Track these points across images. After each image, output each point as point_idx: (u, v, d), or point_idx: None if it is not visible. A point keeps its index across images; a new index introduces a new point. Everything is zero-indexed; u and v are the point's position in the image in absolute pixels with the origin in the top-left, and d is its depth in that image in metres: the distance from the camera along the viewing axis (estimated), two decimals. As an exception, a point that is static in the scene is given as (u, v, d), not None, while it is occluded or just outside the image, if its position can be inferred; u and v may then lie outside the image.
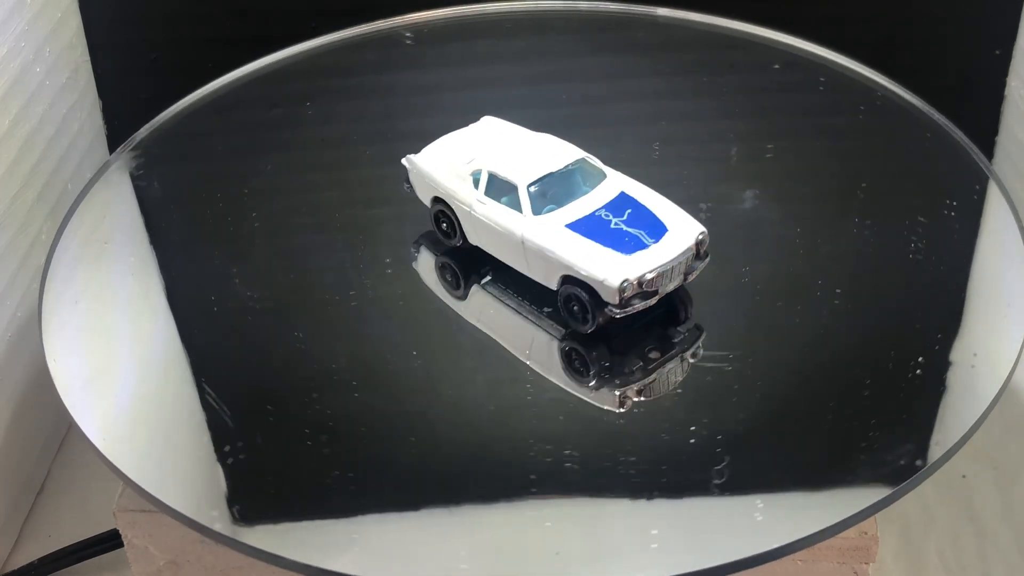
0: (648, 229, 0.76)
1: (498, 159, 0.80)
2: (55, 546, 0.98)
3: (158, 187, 0.95)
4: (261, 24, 1.16)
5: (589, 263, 0.74)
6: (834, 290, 0.81)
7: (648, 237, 0.75)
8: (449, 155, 0.83)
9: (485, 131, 0.86)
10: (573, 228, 0.76)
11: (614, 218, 0.76)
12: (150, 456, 0.73)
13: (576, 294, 0.75)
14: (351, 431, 0.74)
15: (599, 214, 0.77)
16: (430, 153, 0.84)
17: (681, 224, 0.77)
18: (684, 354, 0.76)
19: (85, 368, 0.78)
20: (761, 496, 0.69)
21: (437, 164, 0.83)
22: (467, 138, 0.85)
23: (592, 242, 0.75)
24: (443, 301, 0.82)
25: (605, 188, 0.79)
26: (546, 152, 0.80)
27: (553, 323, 0.78)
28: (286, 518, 0.70)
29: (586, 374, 0.75)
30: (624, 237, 0.75)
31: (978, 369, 0.75)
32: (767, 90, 1.01)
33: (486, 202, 0.79)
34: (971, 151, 0.90)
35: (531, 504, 0.69)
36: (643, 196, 0.78)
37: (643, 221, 0.76)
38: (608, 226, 0.76)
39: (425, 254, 0.84)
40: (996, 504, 1.01)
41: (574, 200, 0.78)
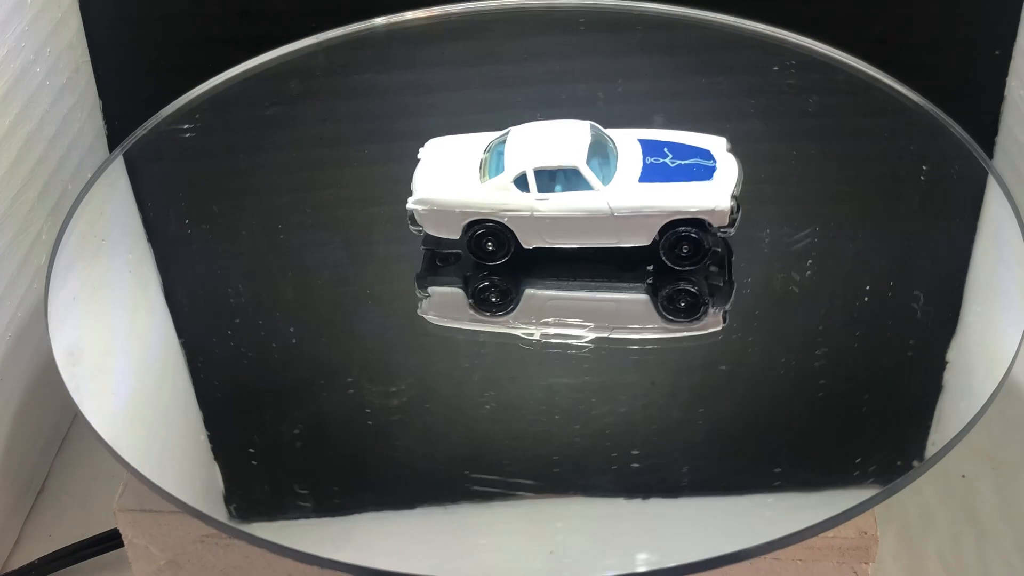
0: (697, 155, 0.80)
1: (529, 156, 0.79)
2: (55, 546, 0.98)
3: (157, 185, 0.95)
4: (261, 24, 1.16)
5: (692, 199, 0.77)
6: (832, 288, 0.81)
7: (705, 160, 0.79)
8: (456, 180, 0.80)
9: (452, 148, 0.83)
10: (646, 180, 0.78)
11: (665, 159, 0.79)
12: (153, 448, 0.73)
13: (685, 234, 0.78)
14: (350, 428, 0.74)
15: (651, 161, 0.79)
16: (430, 189, 0.80)
17: (710, 141, 0.81)
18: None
19: (89, 363, 0.78)
20: (757, 492, 0.69)
21: (455, 192, 0.80)
22: (445, 162, 0.82)
23: (675, 183, 0.78)
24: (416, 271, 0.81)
25: (627, 142, 0.81)
26: (560, 132, 0.81)
27: (615, 284, 0.80)
28: (284, 512, 0.70)
29: (691, 311, 0.79)
30: (692, 168, 0.79)
31: (976, 366, 0.75)
32: (767, 89, 1.01)
33: (548, 197, 0.78)
34: (972, 148, 0.90)
35: (528, 504, 0.69)
36: (660, 135, 0.81)
37: (686, 152, 0.80)
38: (668, 167, 0.78)
39: (443, 289, 0.82)
40: (996, 504, 1.01)
41: (619, 160, 0.79)
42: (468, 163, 0.82)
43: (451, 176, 0.81)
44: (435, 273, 0.82)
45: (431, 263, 0.83)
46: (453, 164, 0.82)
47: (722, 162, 0.80)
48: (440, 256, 0.82)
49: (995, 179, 0.88)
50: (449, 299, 0.82)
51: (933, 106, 0.95)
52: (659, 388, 0.76)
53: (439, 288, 0.82)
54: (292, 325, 0.81)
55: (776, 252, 0.84)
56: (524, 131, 0.82)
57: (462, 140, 0.84)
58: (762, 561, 0.73)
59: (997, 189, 0.87)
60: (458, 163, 0.82)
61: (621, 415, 0.73)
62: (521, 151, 0.80)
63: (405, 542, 0.68)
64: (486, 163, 0.81)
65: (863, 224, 0.86)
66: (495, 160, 0.81)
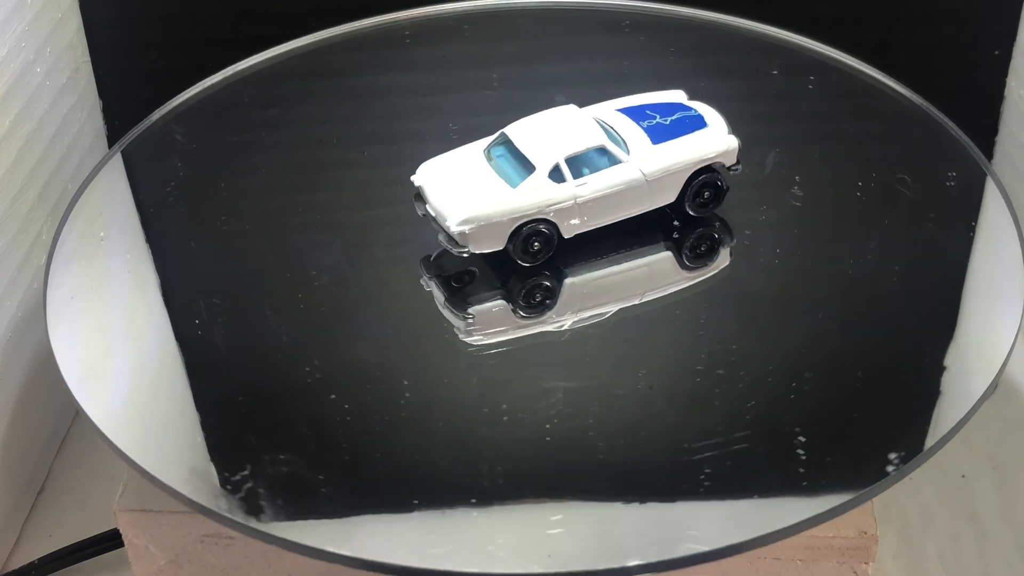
0: (678, 110, 0.84)
1: (553, 147, 0.80)
2: (55, 546, 0.98)
3: (156, 183, 0.95)
4: (261, 24, 1.16)
5: (709, 146, 0.82)
6: (830, 287, 0.82)
7: (686, 112, 0.84)
8: (488, 191, 0.79)
9: (449, 167, 0.82)
10: (659, 141, 0.82)
11: (659, 119, 0.83)
12: (154, 445, 0.73)
13: (707, 180, 0.83)
14: (349, 427, 0.74)
15: (648, 125, 0.83)
16: (471, 207, 0.79)
17: (675, 95, 0.87)
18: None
19: (88, 360, 0.78)
20: (755, 488, 0.69)
21: (497, 202, 0.79)
22: (455, 180, 0.81)
23: (685, 136, 0.83)
24: (441, 301, 0.81)
25: (611, 114, 0.84)
26: (559, 120, 0.83)
27: (638, 252, 0.83)
28: (285, 509, 0.70)
29: (712, 252, 0.83)
30: (684, 121, 0.84)
31: (971, 366, 0.75)
32: (767, 90, 1.01)
33: (586, 182, 0.80)
34: (971, 150, 0.90)
35: (526, 506, 0.69)
36: (630, 102, 0.86)
37: (668, 110, 0.84)
38: (666, 125, 0.83)
39: (485, 306, 0.80)
40: (996, 504, 1.01)
41: (622, 130, 0.83)
42: (479, 174, 0.81)
43: (478, 189, 0.80)
44: (461, 294, 0.81)
45: (449, 288, 0.81)
46: (466, 180, 0.81)
47: (701, 109, 0.85)
48: (455, 278, 0.81)
49: (993, 181, 0.88)
50: (495, 313, 0.80)
51: (932, 107, 0.95)
52: (656, 390, 0.76)
53: (481, 306, 0.80)
54: (291, 323, 0.81)
55: (776, 252, 0.84)
56: (522, 128, 0.82)
57: (453, 156, 0.83)
58: (762, 561, 0.73)
59: (996, 191, 0.87)
60: (469, 177, 0.81)
61: (619, 417, 0.74)
62: (540, 145, 0.80)
63: (404, 542, 0.67)
64: (500, 168, 0.81)
65: (862, 224, 0.86)
66: (508, 162, 0.81)
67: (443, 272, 0.82)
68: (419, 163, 0.84)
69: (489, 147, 0.82)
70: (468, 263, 0.81)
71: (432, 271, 0.82)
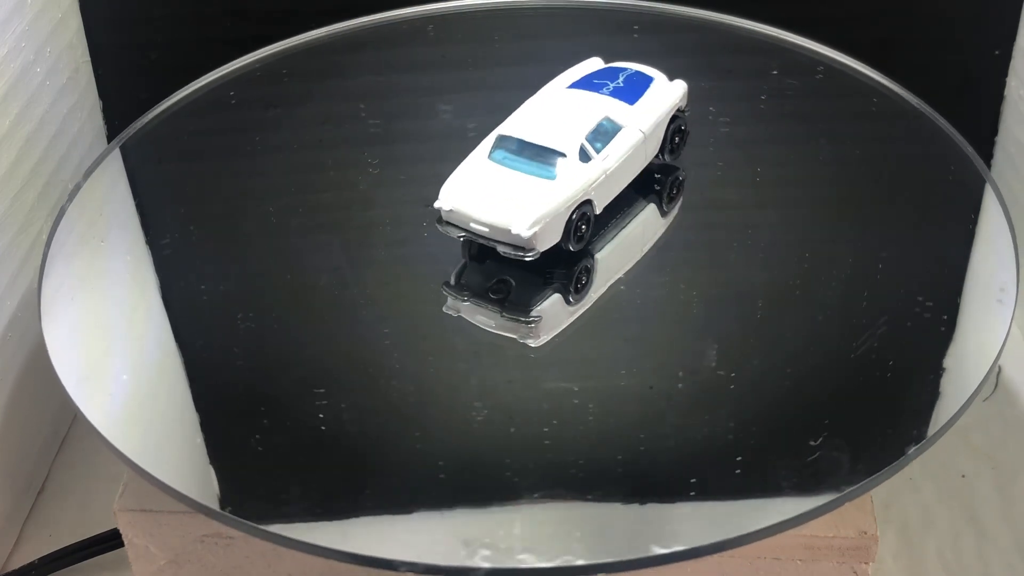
0: (619, 72, 0.88)
1: (571, 129, 0.81)
2: (55, 546, 0.98)
3: (154, 182, 0.95)
4: (262, 24, 1.16)
5: (671, 95, 0.87)
6: (828, 286, 0.82)
7: (630, 72, 0.88)
8: (530, 190, 0.79)
9: (472, 178, 0.81)
10: (632, 102, 0.85)
11: (613, 84, 0.86)
12: (153, 445, 0.73)
13: (676, 126, 0.87)
14: (349, 428, 0.74)
15: (609, 91, 0.85)
16: (531, 210, 0.77)
17: (597, 62, 0.90)
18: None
19: (86, 362, 0.78)
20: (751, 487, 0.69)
21: (551, 196, 0.78)
22: (488, 189, 0.80)
23: (647, 92, 0.86)
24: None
25: (568, 91, 0.86)
26: (554, 101, 0.85)
27: (630, 210, 0.86)
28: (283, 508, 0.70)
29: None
30: (634, 80, 0.87)
31: (965, 362, 0.75)
32: (766, 91, 1.01)
33: (607, 154, 0.81)
34: (966, 151, 0.90)
35: (527, 506, 0.69)
36: (573, 76, 0.88)
37: (610, 74, 0.87)
38: (625, 87, 0.86)
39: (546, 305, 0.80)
40: (996, 504, 1.01)
41: (599, 96, 0.85)
42: (506, 179, 0.80)
43: (522, 192, 0.79)
44: (512, 302, 0.80)
45: (492, 300, 0.80)
46: (500, 188, 0.80)
47: (635, 67, 0.89)
48: (492, 290, 0.80)
49: (989, 183, 0.88)
50: (554, 307, 0.80)
51: (929, 107, 0.95)
52: (657, 391, 0.76)
53: (540, 305, 0.80)
54: (291, 323, 0.81)
55: (775, 250, 0.85)
56: (521, 124, 0.82)
57: (468, 172, 0.81)
58: (762, 561, 0.73)
59: (993, 190, 0.87)
60: (500, 185, 0.80)
61: (619, 419, 0.74)
62: (554, 132, 0.81)
63: (404, 541, 0.68)
64: (520, 166, 0.80)
65: (859, 225, 0.86)
66: (524, 158, 0.80)
67: (471, 290, 0.81)
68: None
69: (492, 153, 0.81)
70: (493, 271, 0.81)
71: (462, 292, 0.81)
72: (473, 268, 0.81)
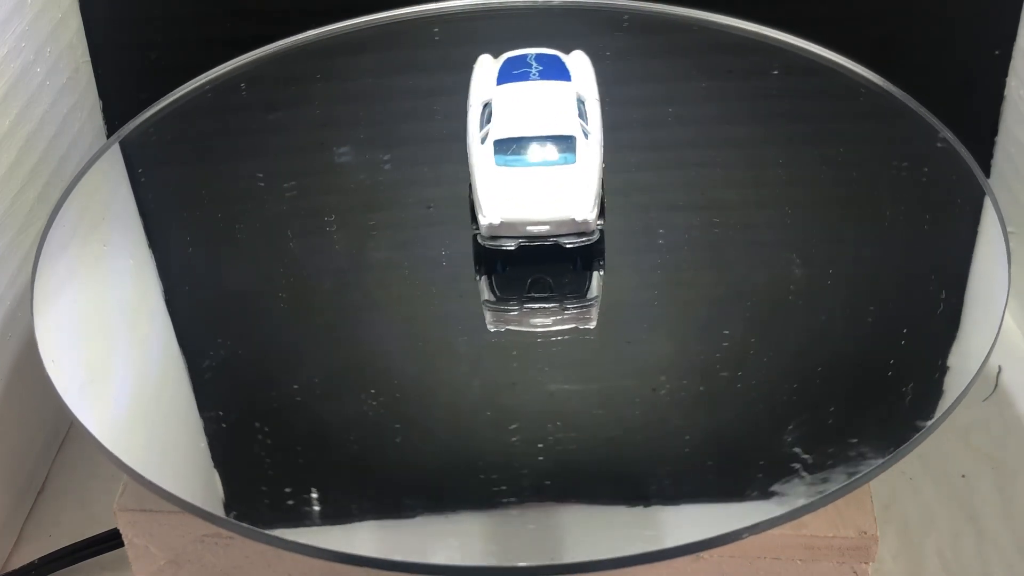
0: (531, 58, 0.87)
1: (566, 117, 0.81)
2: (55, 546, 0.98)
3: (151, 184, 0.95)
4: (261, 24, 1.16)
5: (588, 64, 0.89)
6: (826, 287, 0.82)
7: (539, 54, 0.88)
8: (564, 179, 0.79)
9: (503, 181, 0.80)
10: (570, 77, 0.86)
11: (540, 67, 0.86)
12: (151, 450, 0.73)
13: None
14: (348, 430, 0.74)
15: (539, 71, 0.86)
16: (582, 197, 0.78)
17: (496, 60, 0.89)
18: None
19: (83, 367, 0.78)
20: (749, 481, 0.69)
21: (584, 181, 0.79)
22: (525, 190, 0.79)
23: (570, 67, 0.86)
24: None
25: (507, 86, 0.85)
26: (524, 99, 0.83)
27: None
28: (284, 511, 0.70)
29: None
30: (549, 60, 0.87)
31: (958, 361, 0.76)
32: (765, 93, 1.01)
33: (591, 129, 0.82)
34: (962, 154, 0.90)
35: (529, 508, 0.69)
36: (493, 72, 0.87)
37: (528, 60, 0.87)
38: (553, 69, 0.86)
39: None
40: (996, 504, 1.01)
41: (545, 81, 0.85)
42: (531, 176, 0.79)
43: (558, 183, 0.79)
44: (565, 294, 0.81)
45: (535, 299, 0.81)
46: (535, 187, 0.79)
47: (526, 51, 0.88)
48: (535, 289, 0.80)
49: (984, 186, 0.88)
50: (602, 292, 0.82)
51: (924, 108, 0.95)
52: (661, 392, 0.76)
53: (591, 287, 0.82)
54: (290, 325, 0.81)
55: (776, 251, 0.85)
56: (511, 123, 0.81)
57: (487, 179, 0.80)
58: (762, 561, 0.73)
59: (989, 190, 0.87)
60: (532, 184, 0.79)
61: (623, 419, 0.74)
62: (551, 121, 0.81)
63: (405, 542, 0.68)
64: (533, 160, 0.80)
65: (859, 226, 0.87)
66: (532, 152, 0.80)
67: (511, 299, 0.81)
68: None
69: (497, 158, 0.80)
70: (512, 277, 0.81)
71: (508, 304, 0.80)
72: (494, 279, 0.81)
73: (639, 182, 0.89)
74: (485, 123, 0.82)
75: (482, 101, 0.84)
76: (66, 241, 0.87)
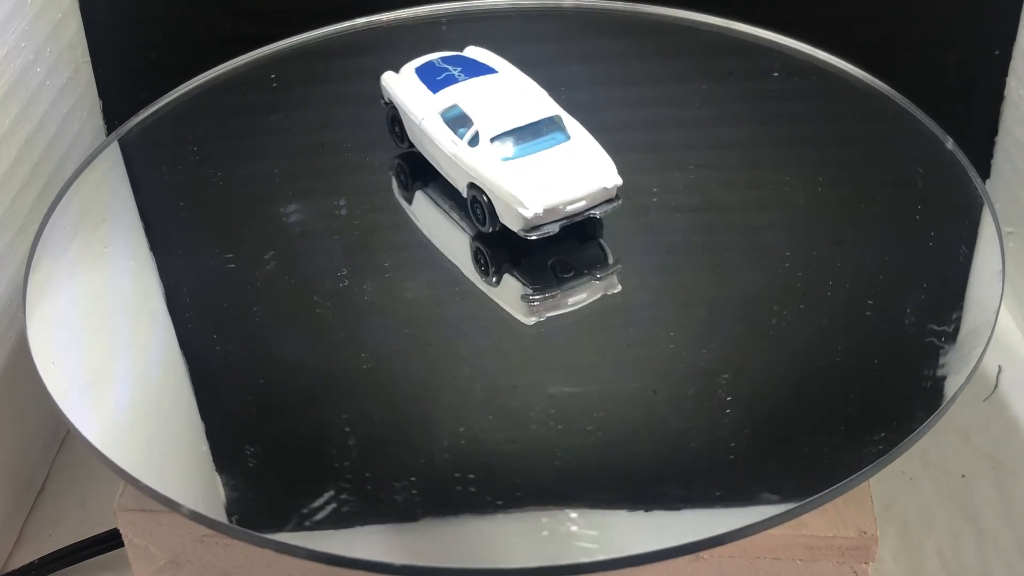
0: (430, 64, 0.90)
1: (543, 101, 0.83)
2: (55, 546, 0.98)
3: (149, 184, 0.95)
4: (261, 24, 1.16)
5: (491, 54, 0.91)
6: (828, 287, 0.82)
7: (427, 57, 0.91)
8: (580, 154, 0.82)
9: (533, 167, 0.82)
10: (497, 70, 0.88)
11: (458, 68, 0.88)
12: (148, 454, 0.73)
13: None
14: (348, 433, 0.74)
15: (462, 71, 0.88)
16: (604, 163, 0.81)
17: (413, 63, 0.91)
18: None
19: (79, 372, 0.78)
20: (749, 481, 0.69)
21: (594, 149, 0.82)
22: (552, 172, 0.81)
23: (488, 62, 0.89)
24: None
25: (438, 91, 0.87)
26: (496, 93, 0.85)
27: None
28: (286, 513, 0.70)
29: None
30: (457, 61, 0.89)
31: (954, 361, 0.76)
32: (765, 95, 1.01)
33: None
34: (959, 156, 0.90)
35: (530, 511, 0.69)
36: (411, 80, 0.89)
37: (432, 69, 0.89)
38: (463, 67, 0.88)
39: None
40: (996, 504, 1.01)
41: (485, 77, 0.87)
42: (550, 160, 0.81)
43: (567, 160, 0.81)
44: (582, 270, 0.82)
45: (564, 278, 0.82)
46: (547, 169, 0.81)
47: (431, 57, 0.91)
48: (558, 270, 0.82)
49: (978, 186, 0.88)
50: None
51: (920, 110, 0.95)
52: (661, 394, 0.76)
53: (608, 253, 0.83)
54: (290, 327, 0.81)
55: (776, 252, 0.85)
56: (494, 117, 0.82)
57: (508, 176, 0.81)
58: (762, 561, 0.73)
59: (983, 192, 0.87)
60: (544, 166, 0.81)
61: (624, 421, 0.74)
62: (532, 105, 0.83)
63: (403, 547, 0.68)
64: (536, 146, 0.81)
65: (858, 226, 0.87)
66: (529, 139, 0.81)
67: (541, 284, 0.81)
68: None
69: (502, 156, 0.81)
70: (520, 266, 0.82)
71: (546, 291, 0.81)
72: (511, 273, 0.82)
73: (639, 183, 0.89)
74: (461, 127, 0.82)
75: (437, 110, 0.84)
76: (62, 241, 0.87)
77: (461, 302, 0.82)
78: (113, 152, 0.96)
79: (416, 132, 0.87)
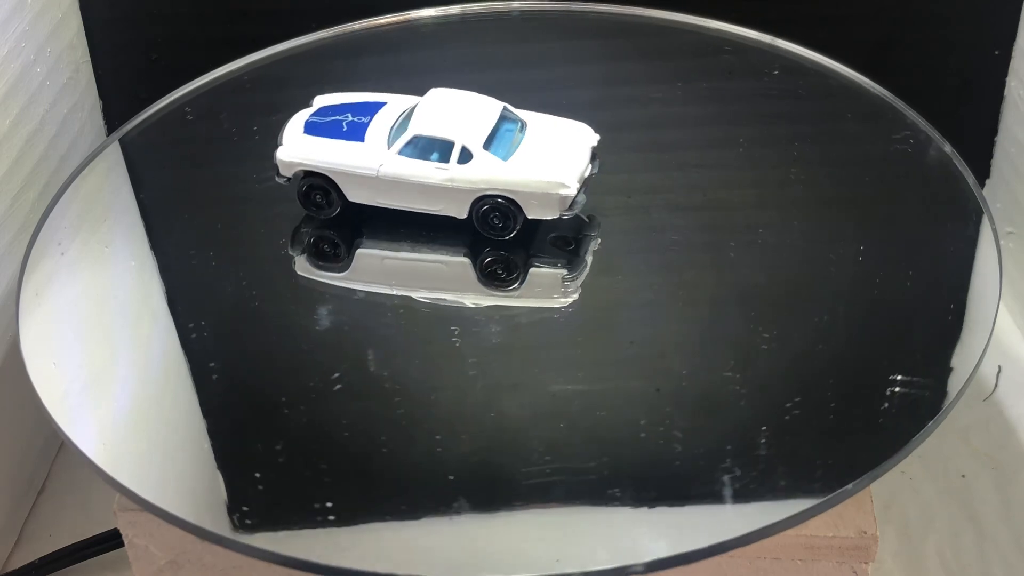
0: (319, 113, 0.88)
1: (486, 99, 0.84)
2: (55, 546, 0.98)
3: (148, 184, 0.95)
4: (261, 24, 1.16)
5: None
6: (824, 288, 0.82)
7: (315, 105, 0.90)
8: (563, 141, 0.84)
9: (514, 163, 0.83)
10: (384, 104, 0.88)
11: (346, 119, 0.86)
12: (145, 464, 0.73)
13: None
14: (348, 436, 0.74)
15: (354, 119, 0.86)
16: (573, 139, 0.84)
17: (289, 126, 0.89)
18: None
19: (73, 378, 0.78)
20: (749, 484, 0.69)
21: (559, 125, 0.84)
22: (555, 146, 0.84)
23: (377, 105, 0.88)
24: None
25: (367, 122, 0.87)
26: (453, 108, 0.85)
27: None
28: (284, 522, 0.70)
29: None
30: (341, 108, 0.88)
31: (952, 361, 0.76)
32: (765, 96, 1.01)
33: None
34: (955, 158, 0.90)
35: (531, 511, 0.69)
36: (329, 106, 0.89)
37: (328, 114, 0.88)
38: (354, 111, 0.87)
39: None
40: (996, 504, 1.01)
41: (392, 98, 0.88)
42: (532, 151, 0.82)
43: (551, 141, 0.83)
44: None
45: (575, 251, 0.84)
46: (546, 155, 0.82)
47: (318, 104, 0.89)
48: (563, 245, 0.84)
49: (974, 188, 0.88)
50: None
51: (915, 112, 0.95)
52: (663, 393, 0.76)
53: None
54: (290, 329, 0.80)
55: (776, 251, 0.85)
56: (462, 129, 0.82)
57: (527, 170, 0.82)
58: (762, 561, 0.73)
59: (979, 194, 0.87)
60: (540, 153, 0.83)
61: (626, 420, 0.74)
62: (478, 107, 0.84)
63: (405, 551, 0.67)
64: (511, 137, 0.82)
65: (857, 226, 0.87)
66: (501, 135, 0.82)
67: (564, 261, 0.83)
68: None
69: (501, 156, 0.82)
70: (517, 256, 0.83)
71: (574, 271, 0.82)
72: (530, 266, 0.83)
73: (640, 183, 0.89)
74: (434, 152, 0.82)
75: (394, 150, 0.83)
76: (61, 242, 0.87)
77: (462, 302, 0.82)
78: (113, 152, 0.96)
79: (369, 185, 0.83)
